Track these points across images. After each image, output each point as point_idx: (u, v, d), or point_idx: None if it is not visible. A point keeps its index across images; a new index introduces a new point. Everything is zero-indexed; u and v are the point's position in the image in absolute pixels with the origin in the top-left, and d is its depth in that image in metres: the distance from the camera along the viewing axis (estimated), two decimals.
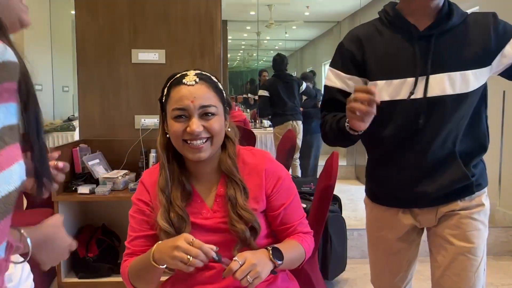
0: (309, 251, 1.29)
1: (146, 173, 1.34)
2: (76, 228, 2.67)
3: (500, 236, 3.28)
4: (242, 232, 1.17)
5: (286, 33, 7.65)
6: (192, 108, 1.16)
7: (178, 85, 1.18)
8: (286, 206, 1.25)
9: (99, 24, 2.80)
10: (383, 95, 1.32)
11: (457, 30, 1.32)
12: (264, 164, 1.26)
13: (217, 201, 1.24)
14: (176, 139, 1.19)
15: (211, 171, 1.25)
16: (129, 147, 2.75)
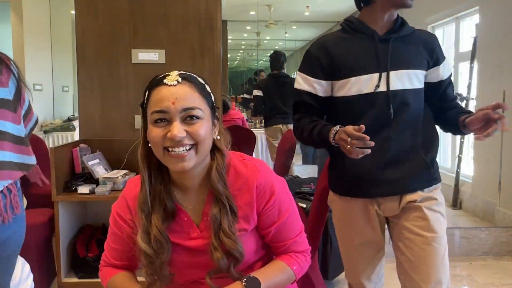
0: (300, 272, 1.20)
1: (129, 185, 1.21)
2: (76, 228, 2.67)
3: (500, 236, 3.28)
4: (218, 261, 1.07)
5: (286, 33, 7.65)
6: (173, 110, 1.02)
7: (158, 86, 1.05)
8: (278, 225, 1.15)
9: (99, 24, 2.80)
10: (353, 90, 1.51)
11: (408, 38, 1.56)
12: (256, 179, 1.12)
13: (205, 219, 1.12)
14: (156, 146, 1.05)
15: (199, 184, 1.12)
16: (129, 147, 2.72)
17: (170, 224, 1.11)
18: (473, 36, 4.14)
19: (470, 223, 3.83)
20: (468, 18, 4.41)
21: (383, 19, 1.56)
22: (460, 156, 4.27)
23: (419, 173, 1.52)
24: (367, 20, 1.58)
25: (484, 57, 3.97)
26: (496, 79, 3.74)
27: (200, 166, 1.09)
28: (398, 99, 1.49)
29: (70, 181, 2.49)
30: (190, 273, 1.14)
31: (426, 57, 1.55)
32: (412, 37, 1.57)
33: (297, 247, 1.20)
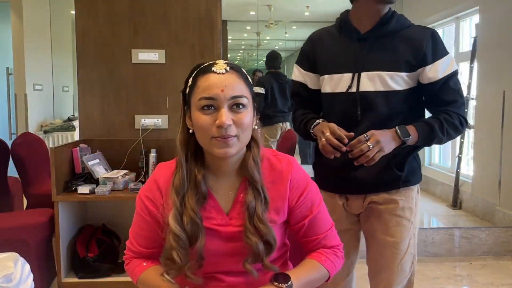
0: (333, 269, 1.20)
1: (160, 169, 1.20)
2: (76, 228, 2.67)
3: (500, 236, 3.28)
4: (256, 246, 1.08)
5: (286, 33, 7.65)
6: (221, 97, 1.04)
7: (206, 73, 1.08)
8: (310, 218, 1.17)
9: (99, 24, 2.80)
10: (327, 87, 1.57)
11: (392, 37, 1.51)
12: (290, 173, 1.15)
13: (235, 207, 1.14)
14: (204, 133, 1.06)
15: (232, 173, 1.15)
16: (129, 147, 2.75)
17: (200, 209, 1.11)
18: (473, 36, 4.14)
19: (470, 223, 3.83)
20: (468, 18, 4.41)
21: (368, 15, 1.52)
22: (460, 156, 4.27)
23: (384, 175, 1.51)
24: (354, 16, 1.55)
25: (484, 57, 3.97)
26: (496, 79, 3.74)
27: (237, 154, 1.11)
28: (367, 101, 1.49)
29: (70, 181, 2.49)
30: (214, 262, 1.13)
31: (407, 58, 1.48)
32: (398, 35, 1.52)
33: (328, 241, 1.21)
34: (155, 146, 2.75)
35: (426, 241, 3.25)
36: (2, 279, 1.58)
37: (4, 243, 2.20)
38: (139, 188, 2.45)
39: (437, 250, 3.26)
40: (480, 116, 4.09)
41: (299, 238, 1.21)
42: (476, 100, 4.13)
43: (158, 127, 2.81)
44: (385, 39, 1.51)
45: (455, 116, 1.49)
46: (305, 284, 1.13)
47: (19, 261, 1.72)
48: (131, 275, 1.21)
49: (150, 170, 2.70)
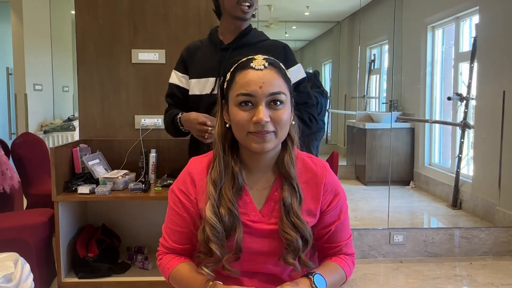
0: (349, 274, 1.22)
1: (194, 162, 1.19)
2: (76, 228, 2.67)
3: (500, 236, 3.28)
4: (296, 241, 1.07)
5: (286, 33, 7.65)
6: (260, 94, 1.04)
7: (245, 69, 1.07)
8: (337, 224, 1.18)
9: (99, 24, 2.80)
10: (195, 90, 1.84)
11: (254, 47, 1.77)
12: (325, 177, 1.16)
13: (268, 204, 1.13)
14: (241, 128, 1.06)
15: (268, 169, 1.15)
16: (129, 147, 2.75)
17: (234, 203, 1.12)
18: (473, 36, 4.14)
19: (470, 223, 3.83)
20: (468, 18, 4.41)
21: (230, 30, 1.83)
22: (460, 156, 4.27)
23: None
24: (220, 30, 1.87)
25: (484, 57, 3.97)
26: (496, 79, 3.74)
27: (274, 150, 1.12)
28: None
29: (70, 181, 2.49)
30: (247, 259, 1.11)
31: None
32: (256, 46, 1.78)
33: (348, 249, 1.23)
34: (155, 146, 2.75)
35: (426, 241, 3.25)
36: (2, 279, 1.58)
37: (4, 243, 2.20)
38: (139, 188, 2.46)
39: (437, 250, 3.26)
40: (480, 116, 4.09)
41: (322, 242, 1.21)
42: (476, 100, 4.13)
43: (158, 127, 2.81)
44: (244, 49, 1.75)
45: (305, 114, 1.77)
46: (331, 285, 1.15)
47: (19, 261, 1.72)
48: (163, 270, 1.20)
49: (150, 170, 2.70)
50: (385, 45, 5.70)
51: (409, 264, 3.14)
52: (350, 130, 5.86)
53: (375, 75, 6.01)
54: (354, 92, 6.06)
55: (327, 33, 7.24)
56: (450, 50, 4.73)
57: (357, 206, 4.38)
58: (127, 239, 2.82)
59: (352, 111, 5.98)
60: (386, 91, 5.76)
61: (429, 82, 4.93)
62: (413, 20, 5.02)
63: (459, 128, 4.33)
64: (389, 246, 3.25)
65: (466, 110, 4.22)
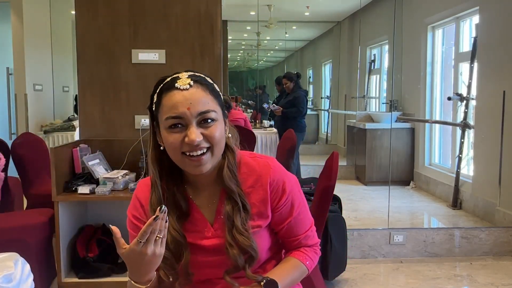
0: (312, 266, 1.22)
1: (140, 185, 1.18)
2: (76, 228, 2.67)
3: (500, 236, 3.28)
4: (235, 258, 1.07)
5: (286, 33, 7.65)
6: (188, 115, 1.01)
7: (170, 91, 1.03)
8: (290, 220, 1.17)
9: (99, 24, 2.80)
10: None
11: None
12: (269, 176, 1.13)
13: (218, 218, 1.12)
14: (174, 151, 1.04)
15: (211, 182, 1.13)
16: (129, 147, 2.75)
17: (184, 224, 1.11)
18: (473, 36, 4.14)
19: (470, 223, 3.83)
20: (468, 18, 4.41)
21: None
22: (460, 156, 4.27)
23: None
24: None
25: (484, 57, 3.97)
26: (496, 79, 3.74)
27: (212, 166, 1.09)
28: None
29: (70, 181, 2.49)
30: (205, 272, 1.13)
31: None
32: None
33: (308, 241, 1.22)
34: None
35: (426, 241, 3.25)
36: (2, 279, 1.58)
37: (4, 243, 2.20)
38: None
39: (437, 250, 3.26)
40: (480, 116, 4.09)
41: (281, 237, 1.21)
42: (476, 100, 4.13)
43: None
44: None
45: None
46: (288, 283, 1.15)
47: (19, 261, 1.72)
48: None
49: None
50: (385, 45, 5.70)
51: (409, 264, 3.13)
52: (350, 130, 5.86)
53: (375, 75, 6.01)
54: (354, 92, 6.06)
55: (327, 33, 7.24)
56: (450, 50, 4.73)
57: (357, 206, 4.38)
58: (127, 239, 2.82)
59: (352, 111, 5.98)
60: (386, 91, 5.76)
61: (429, 82, 4.93)
62: (413, 20, 5.02)
63: (459, 128, 4.33)
64: (389, 246, 3.25)
65: (466, 110, 4.22)
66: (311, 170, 5.07)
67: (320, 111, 7.09)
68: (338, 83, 6.47)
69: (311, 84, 7.43)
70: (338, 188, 2.51)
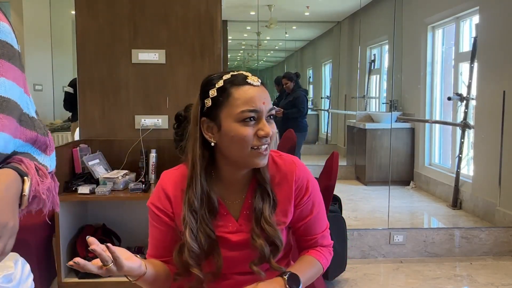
0: (326, 265, 1.25)
1: (167, 178, 1.19)
2: (76, 228, 2.67)
3: (500, 236, 3.28)
4: (261, 248, 1.10)
5: (286, 33, 7.65)
6: (263, 110, 1.06)
7: (242, 85, 1.07)
8: (310, 219, 1.20)
9: (99, 24, 2.80)
10: None
11: None
12: (294, 173, 1.17)
13: (244, 213, 1.15)
14: (244, 144, 1.06)
15: (243, 179, 1.16)
16: (129, 147, 2.75)
17: (212, 220, 1.13)
18: (473, 36, 4.14)
19: (470, 223, 3.83)
20: (468, 18, 4.41)
21: None
22: (460, 156, 4.27)
23: None
24: None
25: (484, 57, 3.96)
26: (496, 79, 3.74)
27: None
28: None
29: (70, 181, 2.49)
30: (227, 266, 1.14)
31: None
32: None
33: (324, 241, 1.26)
34: (155, 146, 2.75)
35: (426, 241, 3.25)
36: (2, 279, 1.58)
37: None
38: (139, 188, 2.46)
39: (437, 250, 3.26)
40: (480, 116, 4.09)
41: (298, 235, 1.24)
42: (476, 100, 4.13)
43: (158, 127, 2.81)
44: None
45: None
46: (306, 280, 1.17)
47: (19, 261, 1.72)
48: None
49: (150, 170, 2.70)
50: (385, 45, 5.70)
51: (409, 264, 3.14)
52: (350, 130, 5.85)
53: (375, 75, 6.01)
54: (354, 92, 6.06)
55: (327, 33, 7.24)
56: (450, 50, 4.73)
57: (357, 206, 4.38)
58: (127, 239, 2.82)
59: (352, 111, 5.97)
60: (386, 91, 5.76)
61: (429, 82, 4.93)
62: (413, 20, 5.02)
63: (459, 128, 4.33)
64: (389, 246, 3.25)
65: (466, 110, 4.22)
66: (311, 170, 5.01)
67: (320, 111, 7.09)
68: (338, 83, 6.47)
69: (311, 84, 7.43)
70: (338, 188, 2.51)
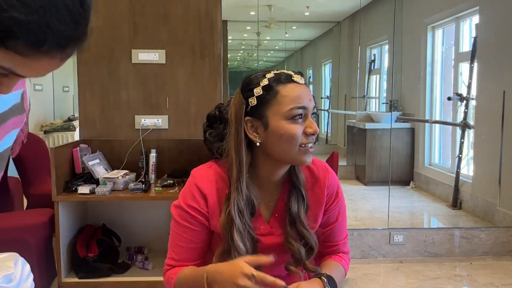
0: (347, 271, 1.26)
1: (200, 174, 1.14)
2: (76, 228, 2.67)
3: (500, 236, 3.28)
4: (298, 251, 1.09)
5: (286, 33, 7.65)
6: (310, 107, 1.06)
7: (288, 83, 1.06)
8: (335, 225, 1.21)
9: (99, 24, 2.80)
10: None
11: None
12: (327, 179, 1.17)
13: (276, 215, 1.14)
14: (293, 141, 1.04)
15: (279, 180, 1.14)
16: (129, 147, 2.75)
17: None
18: (473, 36, 4.14)
19: (470, 223, 3.82)
20: (468, 18, 4.41)
21: None
22: (460, 156, 4.27)
23: None
24: None
25: (484, 57, 3.96)
26: (496, 79, 3.74)
27: None
28: None
29: (70, 181, 2.49)
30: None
31: None
32: None
33: (345, 248, 1.27)
34: (155, 146, 2.75)
35: (426, 241, 3.25)
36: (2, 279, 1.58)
37: (4, 243, 2.20)
38: (139, 188, 2.46)
39: (437, 250, 3.26)
40: (480, 116, 4.09)
41: (321, 241, 1.21)
42: (476, 100, 4.13)
43: (158, 127, 2.81)
44: None
45: None
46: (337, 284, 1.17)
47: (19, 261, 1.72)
48: (168, 282, 1.15)
49: (150, 170, 2.70)
50: (385, 45, 5.70)
51: (409, 264, 3.13)
52: (350, 130, 5.85)
53: (375, 75, 6.01)
54: (354, 92, 6.06)
55: (327, 33, 7.24)
56: (450, 50, 4.73)
57: (357, 206, 4.38)
58: (127, 239, 2.82)
59: (352, 111, 5.98)
60: (386, 91, 5.76)
61: (429, 82, 4.93)
62: (413, 20, 5.02)
63: (459, 128, 4.33)
64: (389, 246, 3.25)
65: (466, 110, 4.22)
66: None
67: (320, 111, 7.10)
68: (338, 83, 6.47)
69: (311, 84, 7.43)
70: None
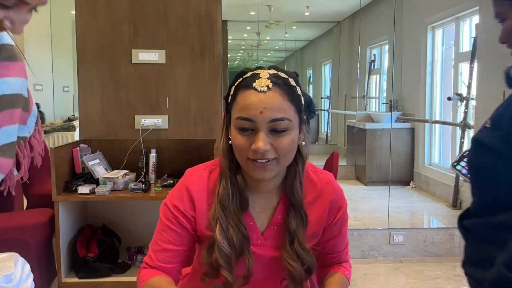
0: (350, 279, 1.21)
1: (192, 176, 1.09)
2: (76, 228, 2.67)
3: None
4: (297, 272, 1.02)
5: (286, 33, 7.65)
6: (260, 120, 0.94)
7: (247, 89, 0.96)
8: (338, 238, 1.15)
9: (99, 24, 2.80)
10: None
11: None
12: (330, 194, 1.09)
13: (271, 228, 1.07)
14: (240, 153, 0.98)
15: (272, 190, 1.07)
16: (129, 147, 2.75)
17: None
18: (473, 36, 4.14)
19: None
20: (468, 18, 4.41)
21: None
22: None
23: None
24: None
25: (484, 57, 3.96)
26: (496, 79, 3.73)
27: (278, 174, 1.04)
28: None
29: (70, 181, 2.49)
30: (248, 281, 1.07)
31: None
32: None
33: (346, 256, 1.21)
34: (155, 146, 2.75)
35: (426, 241, 3.25)
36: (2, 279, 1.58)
37: (4, 243, 2.20)
38: (139, 188, 2.46)
39: (437, 250, 3.26)
40: (480, 116, 4.09)
41: (322, 252, 1.17)
42: (476, 100, 4.13)
43: (158, 127, 2.81)
44: None
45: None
46: None
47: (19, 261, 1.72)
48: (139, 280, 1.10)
49: (150, 170, 2.70)
50: (385, 45, 5.70)
51: (409, 264, 3.14)
52: (350, 130, 5.86)
53: (375, 75, 6.02)
54: (354, 92, 6.06)
55: (327, 33, 7.24)
56: (450, 50, 4.73)
57: (357, 206, 4.38)
58: (127, 239, 2.82)
59: (352, 111, 5.98)
60: (386, 91, 5.76)
61: (429, 82, 4.93)
62: (413, 20, 5.02)
63: (459, 128, 4.33)
64: (389, 246, 3.25)
65: (466, 110, 4.22)
66: None
67: (320, 111, 7.10)
68: (338, 83, 6.48)
69: (311, 84, 7.44)
70: None
